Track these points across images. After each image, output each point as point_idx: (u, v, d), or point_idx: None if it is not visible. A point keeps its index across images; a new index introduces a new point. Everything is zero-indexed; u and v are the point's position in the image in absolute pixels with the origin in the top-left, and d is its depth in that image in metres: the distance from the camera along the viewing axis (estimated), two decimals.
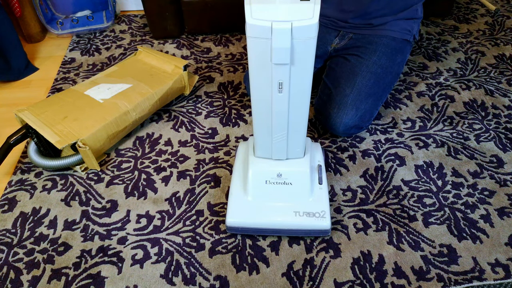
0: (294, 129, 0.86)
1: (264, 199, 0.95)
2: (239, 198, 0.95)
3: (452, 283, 0.88)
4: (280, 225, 0.93)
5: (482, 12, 1.81)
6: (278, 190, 0.94)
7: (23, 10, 1.58)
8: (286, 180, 0.93)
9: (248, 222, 0.93)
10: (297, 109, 0.82)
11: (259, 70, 0.75)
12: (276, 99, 0.79)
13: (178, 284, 0.89)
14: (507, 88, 1.39)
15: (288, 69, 0.73)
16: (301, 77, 0.76)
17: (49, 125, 1.08)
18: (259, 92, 0.80)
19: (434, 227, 0.99)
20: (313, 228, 0.92)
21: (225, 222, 0.94)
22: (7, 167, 1.16)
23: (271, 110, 0.82)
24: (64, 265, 0.93)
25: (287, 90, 0.77)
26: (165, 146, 1.21)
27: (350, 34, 1.21)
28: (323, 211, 0.92)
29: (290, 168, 0.93)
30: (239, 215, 0.94)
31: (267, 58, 0.72)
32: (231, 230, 0.96)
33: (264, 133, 0.88)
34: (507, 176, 1.10)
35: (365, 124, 1.19)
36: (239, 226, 0.94)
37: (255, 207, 0.94)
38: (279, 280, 0.89)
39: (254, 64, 0.75)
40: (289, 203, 0.94)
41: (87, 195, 1.08)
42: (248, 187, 0.95)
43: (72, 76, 1.49)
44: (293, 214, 0.92)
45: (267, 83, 0.77)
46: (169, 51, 1.60)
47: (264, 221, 0.93)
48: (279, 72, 0.74)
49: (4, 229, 1.00)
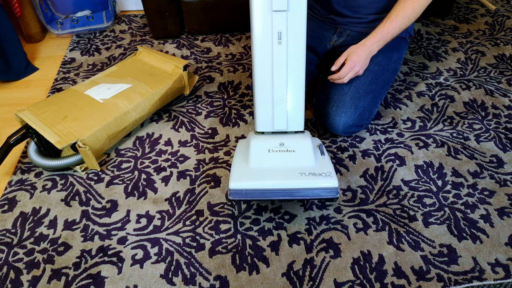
0: (293, 88, 0.94)
1: (267, 165, 0.93)
2: (241, 166, 0.93)
3: (452, 283, 0.88)
4: (285, 185, 0.89)
5: (482, 12, 1.81)
6: (281, 157, 0.93)
7: (23, 10, 1.58)
8: (289, 148, 0.94)
9: (252, 183, 0.90)
10: (295, 64, 0.93)
11: (261, 21, 0.89)
12: (276, 51, 0.90)
13: (178, 284, 0.89)
14: (507, 88, 1.39)
15: (286, 17, 0.88)
16: (297, 26, 0.89)
17: (49, 125, 1.08)
18: (261, 46, 0.91)
19: (434, 227, 0.99)
20: (320, 186, 0.89)
21: (228, 188, 0.89)
22: (7, 167, 1.16)
23: (271, 65, 0.92)
24: (64, 265, 0.93)
25: (285, 41, 0.90)
26: (165, 146, 1.21)
27: (347, 31, 1.21)
28: (329, 171, 0.91)
29: (292, 138, 0.96)
30: (243, 178, 0.90)
31: (268, 7, 0.87)
32: (234, 195, 0.89)
33: (266, 95, 0.94)
34: (507, 176, 1.10)
35: (365, 122, 1.19)
36: (242, 188, 0.89)
37: (259, 171, 0.92)
38: (279, 280, 0.89)
39: (257, 15, 0.88)
40: (294, 167, 0.92)
41: (87, 195, 1.08)
42: (250, 157, 0.93)
43: (72, 76, 1.49)
44: (298, 175, 0.90)
45: (267, 34, 0.90)
46: (169, 51, 1.60)
47: (269, 183, 0.89)
48: (278, 20, 0.88)
49: (4, 229, 1.00)
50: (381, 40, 1.06)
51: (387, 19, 1.05)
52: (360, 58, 1.06)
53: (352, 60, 1.06)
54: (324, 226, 0.99)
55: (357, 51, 1.06)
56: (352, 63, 1.06)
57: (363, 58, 1.07)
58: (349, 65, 1.06)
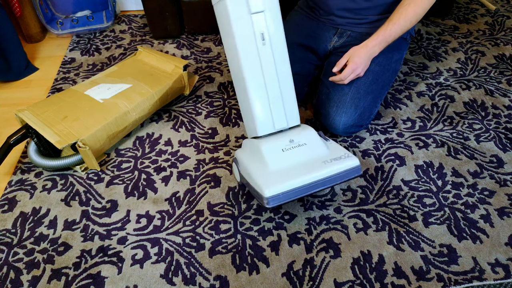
0: (284, 84, 0.96)
1: (287, 164, 0.94)
2: (263, 172, 0.93)
3: (452, 283, 0.88)
4: (316, 177, 0.91)
5: (482, 12, 1.81)
6: (296, 153, 0.95)
7: (23, 10, 1.58)
8: (299, 142, 0.96)
9: (285, 185, 0.89)
10: (282, 60, 0.95)
11: (241, 26, 0.90)
12: (262, 52, 0.92)
13: (178, 284, 0.89)
14: (507, 88, 1.39)
15: (264, 17, 0.90)
16: (276, 23, 0.93)
17: (49, 125, 1.08)
18: (246, 50, 0.92)
19: (434, 227, 0.99)
20: (346, 169, 0.93)
21: (263, 197, 0.88)
22: (7, 167, 1.16)
23: (260, 67, 0.93)
24: (64, 265, 0.93)
25: (269, 41, 0.92)
26: (165, 146, 1.21)
27: (348, 32, 1.21)
28: (345, 153, 0.96)
29: (297, 133, 0.98)
30: (274, 183, 0.89)
31: (245, 11, 0.89)
32: (273, 202, 0.88)
33: (261, 97, 0.95)
34: (507, 176, 1.10)
35: (365, 122, 1.19)
36: (278, 193, 0.88)
37: (284, 171, 0.92)
38: (279, 280, 0.89)
39: (236, 21, 0.89)
40: (313, 159, 0.95)
41: (87, 195, 1.08)
42: (267, 161, 0.93)
43: (72, 76, 1.49)
44: (323, 164, 0.93)
45: (250, 37, 0.91)
46: (169, 51, 1.60)
47: (301, 179, 0.90)
48: (258, 22, 0.90)
49: (4, 229, 1.00)
50: (383, 42, 1.06)
51: (389, 21, 1.05)
52: (362, 60, 1.06)
53: (354, 62, 1.06)
54: (324, 226, 0.99)
55: (359, 52, 1.06)
56: (354, 65, 1.06)
57: (365, 60, 1.07)
58: (351, 67, 1.06)
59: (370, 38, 1.07)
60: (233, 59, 0.95)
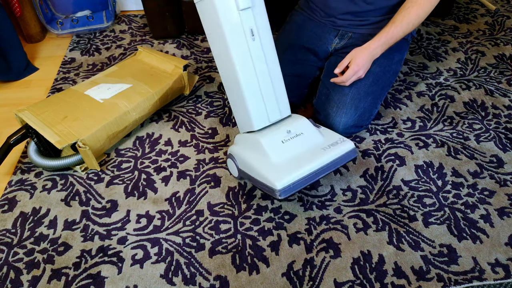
0: (274, 77, 0.99)
1: (289, 154, 0.97)
2: (268, 165, 0.96)
3: (452, 283, 0.88)
4: (320, 164, 0.96)
5: (482, 12, 1.81)
6: (295, 142, 0.99)
7: (23, 10, 1.58)
8: (296, 132, 1.00)
9: (294, 176, 0.92)
10: (271, 54, 0.97)
11: (230, 23, 0.91)
12: (252, 47, 0.94)
13: (178, 284, 0.89)
14: (507, 88, 1.39)
15: (252, 13, 0.92)
16: (263, 18, 0.95)
17: (49, 125, 1.08)
18: (236, 47, 0.93)
19: (434, 227, 0.99)
20: (344, 153, 0.99)
21: (275, 190, 0.91)
22: (7, 167, 1.16)
23: (252, 62, 0.94)
24: (64, 265, 0.93)
25: (258, 36, 0.94)
26: (165, 146, 1.21)
27: (349, 33, 1.20)
28: (340, 138, 1.03)
29: (292, 123, 1.02)
30: (283, 175, 0.93)
31: (234, 8, 0.90)
32: (285, 193, 0.91)
33: (254, 92, 0.97)
34: (507, 176, 1.10)
35: (365, 123, 1.19)
36: (289, 183, 0.92)
37: (289, 162, 0.96)
38: (279, 280, 0.89)
39: (225, 19, 0.90)
40: (312, 146, 1.00)
41: (87, 195, 1.08)
42: (269, 154, 0.96)
43: (72, 76, 1.49)
44: (323, 151, 0.98)
45: (240, 34, 0.92)
46: (169, 51, 1.60)
47: (307, 168, 0.94)
48: (247, 18, 0.91)
49: (4, 229, 1.00)
50: (385, 44, 1.06)
51: (391, 23, 1.05)
52: (364, 62, 1.06)
53: (356, 64, 1.06)
54: (324, 226, 0.99)
55: (361, 54, 1.06)
56: (356, 67, 1.06)
57: (366, 62, 1.07)
58: (353, 69, 1.06)
59: (372, 40, 1.07)
60: (223, 57, 0.96)
